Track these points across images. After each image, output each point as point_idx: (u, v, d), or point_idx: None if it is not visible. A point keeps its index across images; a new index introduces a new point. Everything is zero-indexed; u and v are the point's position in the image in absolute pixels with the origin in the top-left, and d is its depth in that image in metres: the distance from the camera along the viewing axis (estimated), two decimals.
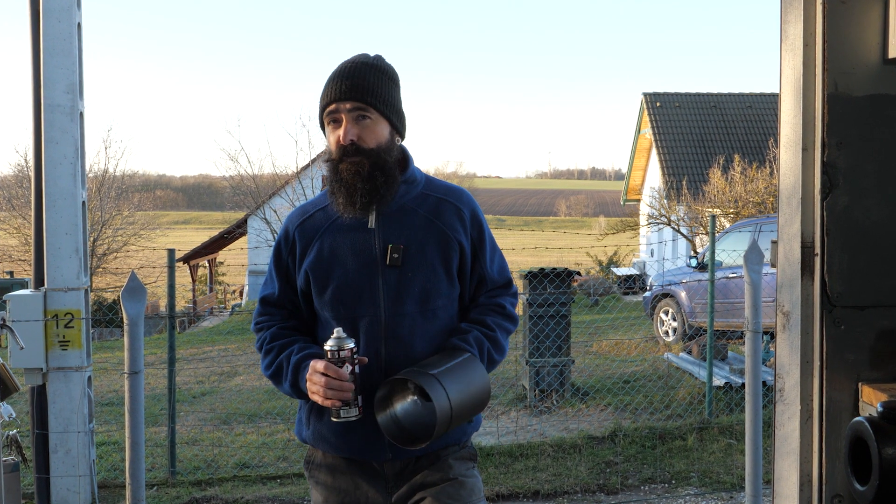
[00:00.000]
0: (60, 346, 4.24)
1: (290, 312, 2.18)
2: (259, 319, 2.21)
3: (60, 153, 4.21)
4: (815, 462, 1.83)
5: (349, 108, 2.02)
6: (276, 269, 2.18)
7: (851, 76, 1.80)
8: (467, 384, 1.96)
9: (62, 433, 4.43)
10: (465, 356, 2.03)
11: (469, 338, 2.08)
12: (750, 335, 3.83)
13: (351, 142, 2.02)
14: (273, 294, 2.18)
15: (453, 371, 1.96)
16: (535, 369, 7.52)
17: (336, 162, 2.05)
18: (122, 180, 26.44)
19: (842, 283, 1.80)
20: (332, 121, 2.06)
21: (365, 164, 2.02)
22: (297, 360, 2.06)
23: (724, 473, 5.38)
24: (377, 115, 2.05)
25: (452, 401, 1.90)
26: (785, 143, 1.92)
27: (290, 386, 2.07)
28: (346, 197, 2.04)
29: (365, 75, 2.04)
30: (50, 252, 4.23)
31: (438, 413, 1.87)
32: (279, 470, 5.66)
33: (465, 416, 1.98)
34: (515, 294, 2.25)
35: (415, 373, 1.93)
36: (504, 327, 2.17)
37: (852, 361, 1.80)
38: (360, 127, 2.03)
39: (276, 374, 2.11)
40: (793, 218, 1.88)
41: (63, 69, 4.19)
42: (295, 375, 2.05)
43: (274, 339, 2.14)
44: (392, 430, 1.98)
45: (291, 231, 2.16)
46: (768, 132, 25.50)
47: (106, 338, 17.50)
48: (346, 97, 2.02)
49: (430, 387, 1.88)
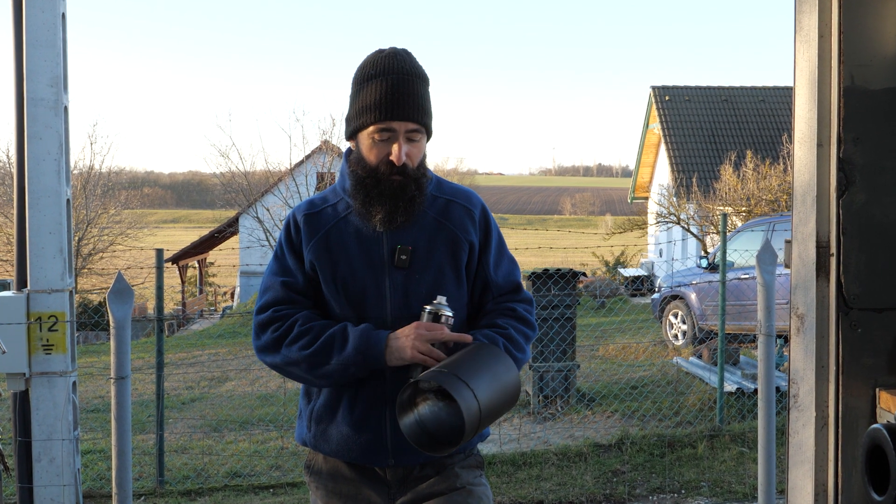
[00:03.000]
0: (44, 350, 4.23)
1: (315, 303, 2.14)
2: (279, 307, 2.10)
3: (44, 149, 4.21)
4: (831, 471, 1.83)
5: (407, 129, 2.06)
6: (294, 257, 2.13)
7: (869, 69, 1.80)
8: (493, 379, 1.90)
9: (46, 441, 4.43)
10: (482, 348, 1.98)
11: (477, 335, 2.07)
12: (763, 339, 3.84)
13: (403, 162, 2.05)
14: (296, 282, 2.12)
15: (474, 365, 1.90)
16: (538, 374, 7.52)
17: (381, 177, 2.06)
18: (108, 177, 26.43)
19: (858, 285, 1.80)
20: (382, 138, 2.06)
21: (408, 183, 2.06)
22: (364, 328, 2.01)
23: (735, 483, 5.38)
24: (424, 133, 2.10)
25: (480, 399, 1.85)
26: (799, 139, 1.92)
27: (356, 351, 1.99)
28: (386, 213, 2.06)
29: (419, 91, 2.07)
30: (33, 252, 4.23)
31: (465, 414, 1.81)
32: (272, 479, 5.66)
33: (495, 415, 1.94)
34: (529, 301, 2.22)
35: (433, 374, 1.88)
36: (519, 328, 2.13)
37: (869, 366, 1.80)
38: (411, 146, 2.07)
39: (323, 349, 2.01)
40: (807, 216, 1.88)
41: (46, 61, 4.18)
42: (366, 340, 1.99)
43: (310, 319, 2.07)
44: (418, 435, 1.93)
45: (299, 220, 2.16)
46: (782, 127, 25.51)
47: (91, 341, 17.49)
48: (408, 118, 2.05)
49: (453, 387, 1.82)
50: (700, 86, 27.82)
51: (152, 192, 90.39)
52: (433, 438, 1.94)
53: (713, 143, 25.87)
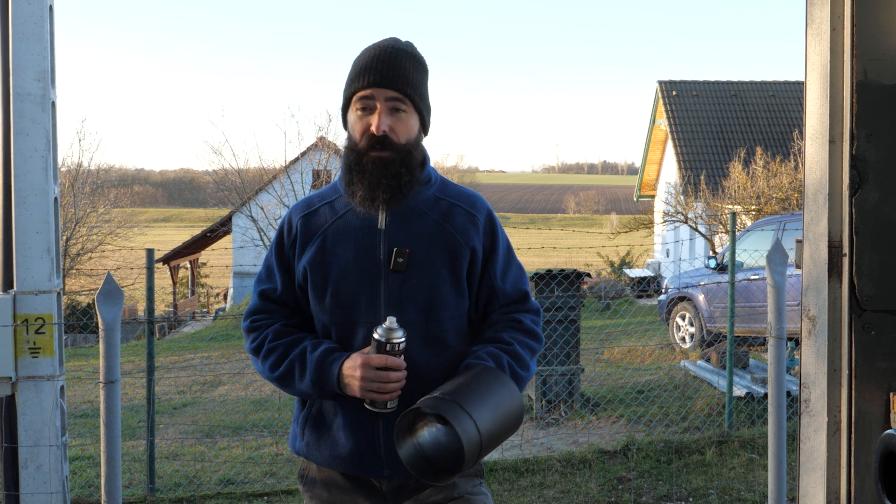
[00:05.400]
0: (31, 353, 4.23)
1: (293, 310, 2.16)
2: (256, 318, 2.16)
3: (31, 146, 4.21)
4: (843, 478, 1.83)
5: (386, 97, 2.03)
6: (278, 262, 2.16)
7: (882, 63, 1.80)
8: (492, 402, 1.90)
9: (32, 447, 4.43)
10: (482, 370, 1.97)
11: (482, 354, 2.05)
12: (773, 342, 3.83)
13: (384, 133, 2.02)
14: (275, 290, 2.15)
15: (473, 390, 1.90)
16: (541, 378, 7.52)
17: (362, 152, 2.04)
18: (97, 175, 26.43)
19: (872, 286, 1.80)
20: (362, 107, 2.05)
21: (394, 159, 2.03)
22: (318, 357, 2.02)
23: (745, 490, 5.39)
24: (411, 109, 2.07)
25: (481, 428, 1.85)
26: (811, 135, 1.92)
27: (312, 384, 2.02)
28: (367, 190, 2.04)
29: (404, 63, 2.05)
30: (19, 252, 4.23)
31: (465, 443, 1.82)
32: (266, 486, 5.66)
33: (497, 441, 1.94)
34: (537, 311, 2.20)
35: (433, 401, 1.87)
36: (525, 342, 2.11)
37: (883, 370, 1.80)
38: (394, 119, 2.04)
39: (287, 374, 2.07)
40: (819, 215, 1.88)
41: (34, 55, 4.18)
42: (319, 372, 2.01)
43: (278, 336, 2.11)
44: (417, 462, 1.93)
45: (295, 221, 2.16)
46: (793, 123, 25.51)
47: (80, 344, 17.50)
48: (387, 84, 2.02)
49: (451, 415, 1.82)
50: (708, 80, 27.83)
51: (143, 189, 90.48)
52: (431, 464, 1.94)
53: (722, 139, 25.87)
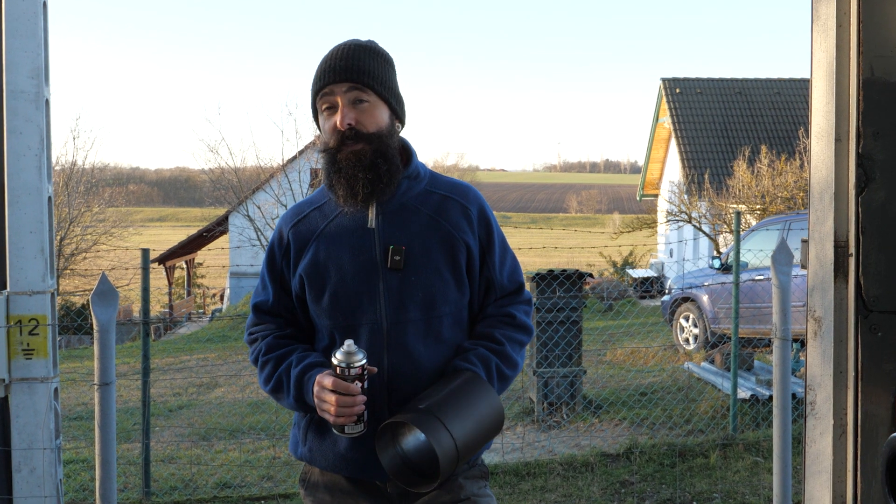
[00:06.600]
0: (24, 354, 4.23)
1: (287, 321, 2.19)
2: (252, 330, 2.21)
3: (24, 144, 4.21)
4: (850, 481, 1.83)
5: (345, 90, 2.03)
6: (270, 275, 2.19)
7: (889, 60, 1.80)
8: (472, 414, 1.94)
9: (26, 450, 4.43)
10: (467, 380, 2.00)
11: (472, 357, 2.07)
12: (778, 343, 3.83)
13: (349, 126, 2.02)
14: (267, 302, 2.19)
15: (454, 401, 1.93)
16: (543, 380, 7.52)
17: (334, 151, 2.05)
18: (91, 173, 26.48)
19: (879, 286, 1.80)
20: (327, 107, 2.06)
21: (366, 150, 2.03)
22: (298, 373, 2.06)
23: (749, 494, 5.39)
24: (375, 98, 2.06)
25: (457, 437, 1.89)
26: (816, 133, 1.92)
27: (295, 401, 2.07)
28: (346, 188, 2.04)
29: (360, 56, 2.06)
30: (12, 252, 4.23)
31: (441, 455, 1.85)
32: (263, 490, 5.66)
33: (474, 449, 1.97)
34: (529, 301, 2.23)
35: (409, 412, 1.91)
36: (515, 339, 2.15)
37: (890, 371, 1.80)
38: (359, 111, 2.04)
39: (276, 388, 2.11)
40: (825, 215, 1.88)
41: (27, 52, 4.18)
42: (299, 389, 2.05)
43: (270, 350, 2.15)
44: (399, 468, 1.98)
45: (285, 233, 2.17)
46: (798, 121, 25.51)
47: (74, 346, 17.51)
48: (342, 78, 2.03)
49: (427, 427, 1.86)
50: (712, 77, 27.82)
51: (138, 189, 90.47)
52: (414, 470, 1.98)
53: (726, 137, 25.87)
